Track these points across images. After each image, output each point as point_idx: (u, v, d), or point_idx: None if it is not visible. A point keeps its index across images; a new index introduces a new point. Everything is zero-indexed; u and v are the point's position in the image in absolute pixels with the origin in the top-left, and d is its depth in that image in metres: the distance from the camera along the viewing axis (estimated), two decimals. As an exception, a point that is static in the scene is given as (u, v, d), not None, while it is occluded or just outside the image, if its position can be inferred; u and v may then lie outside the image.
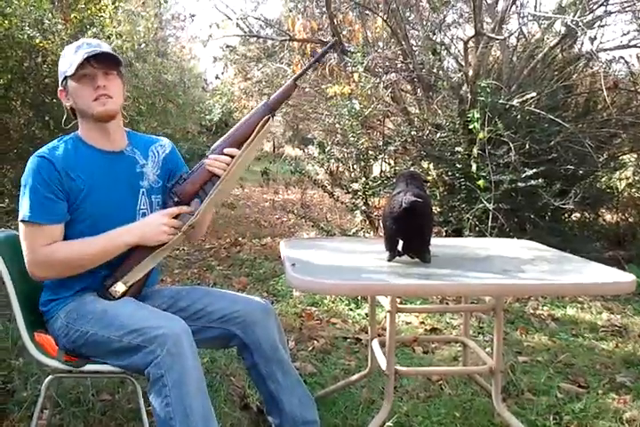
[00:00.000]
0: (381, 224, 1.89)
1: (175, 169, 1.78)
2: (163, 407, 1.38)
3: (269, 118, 1.64)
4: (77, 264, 1.56)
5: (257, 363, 1.68)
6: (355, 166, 4.82)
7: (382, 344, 1.90)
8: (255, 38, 6.35)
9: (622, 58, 4.93)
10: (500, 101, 4.04)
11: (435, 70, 4.59)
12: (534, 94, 4.12)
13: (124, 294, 1.59)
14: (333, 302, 3.41)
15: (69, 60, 1.59)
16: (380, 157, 4.70)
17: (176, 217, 1.63)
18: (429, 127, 4.46)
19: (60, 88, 1.64)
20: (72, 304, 1.59)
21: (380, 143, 4.61)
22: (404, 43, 4.60)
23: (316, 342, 2.77)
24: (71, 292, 1.61)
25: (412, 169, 4.02)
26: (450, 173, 4.22)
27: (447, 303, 3.35)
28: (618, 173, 5.09)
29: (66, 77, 1.60)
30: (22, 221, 1.54)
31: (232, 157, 1.62)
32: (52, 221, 1.54)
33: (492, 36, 4.13)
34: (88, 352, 1.54)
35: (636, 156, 5.20)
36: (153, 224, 1.60)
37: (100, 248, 1.56)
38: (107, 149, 1.66)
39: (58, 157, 1.57)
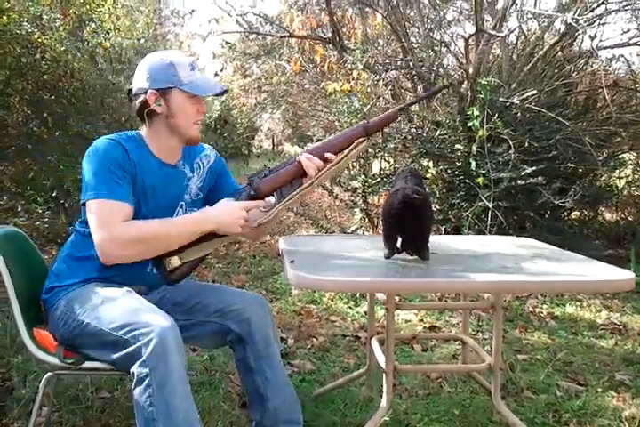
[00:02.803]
0: (380, 222, 1.89)
1: (221, 173, 1.80)
2: (146, 407, 1.38)
3: (364, 141, 1.62)
4: (154, 243, 1.50)
5: (248, 356, 1.68)
6: (354, 164, 4.81)
7: (381, 342, 1.90)
8: (254, 35, 6.34)
9: (622, 56, 4.94)
10: (500, 99, 4.04)
11: (435, 68, 4.58)
12: (534, 92, 4.12)
13: (176, 269, 1.55)
14: (332, 300, 3.41)
15: (187, 74, 1.58)
16: (380, 154, 4.69)
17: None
18: (429, 125, 4.45)
19: (153, 90, 1.57)
20: (74, 293, 1.58)
21: (380, 141, 4.60)
22: (403, 40, 4.59)
23: (314, 339, 2.77)
24: (76, 280, 1.60)
25: (411, 166, 4.01)
26: (449, 171, 4.22)
27: (446, 301, 3.36)
28: (617, 171, 5.10)
29: (173, 87, 1.57)
30: (96, 198, 1.48)
31: (325, 162, 1.59)
32: (126, 201, 1.51)
33: (493, 33, 4.12)
34: (83, 343, 1.53)
35: (635, 154, 5.20)
36: (233, 215, 1.56)
37: (181, 229, 1.52)
38: (165, 160, 1.66)
39: (130, 147, 1.57)
